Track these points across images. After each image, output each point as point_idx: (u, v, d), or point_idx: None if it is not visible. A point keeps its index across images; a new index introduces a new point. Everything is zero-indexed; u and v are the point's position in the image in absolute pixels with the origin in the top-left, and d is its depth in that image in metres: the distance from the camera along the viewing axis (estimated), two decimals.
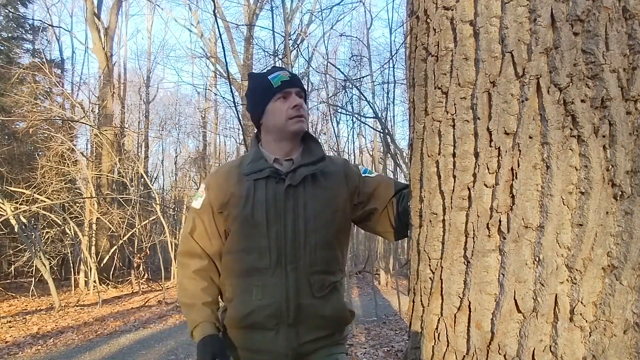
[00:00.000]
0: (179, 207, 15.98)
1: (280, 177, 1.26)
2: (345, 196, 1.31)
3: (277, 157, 1.32)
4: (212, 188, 1.32)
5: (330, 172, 1.32)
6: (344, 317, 1.31)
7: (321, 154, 1.32)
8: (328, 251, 1.27)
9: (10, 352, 4.94)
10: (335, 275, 1.29)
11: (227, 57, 9.70)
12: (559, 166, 0.77)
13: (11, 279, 10.79)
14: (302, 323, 1.22)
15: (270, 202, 1.24)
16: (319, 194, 1.27)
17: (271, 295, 1.21)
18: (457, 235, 0.86)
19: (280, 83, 1.28)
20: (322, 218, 1.26)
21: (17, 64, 11.88)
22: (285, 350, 1.22)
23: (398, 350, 4.60)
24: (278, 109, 1.29)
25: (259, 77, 1.36)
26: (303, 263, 1.22)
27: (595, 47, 0.76)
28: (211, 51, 15.39)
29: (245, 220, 1.24)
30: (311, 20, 12.87)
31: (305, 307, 1.22)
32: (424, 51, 0.94)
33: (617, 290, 0.75)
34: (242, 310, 1.24)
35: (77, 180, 10.96)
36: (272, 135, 1.32)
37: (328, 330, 1.27)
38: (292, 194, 1.25)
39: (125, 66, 18.41)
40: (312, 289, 1.23)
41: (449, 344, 0.86)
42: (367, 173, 1.37)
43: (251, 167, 1.29)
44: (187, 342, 5.26)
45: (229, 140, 19.69)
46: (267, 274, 1.22)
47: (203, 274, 1.31)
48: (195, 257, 1.32)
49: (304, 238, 1.23)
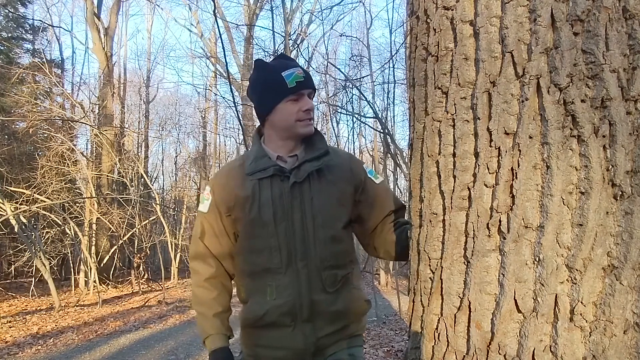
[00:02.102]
0: (179, 207, 15.98)
1: (284, 174, 1.24)
2: (350, 190, 1.30)
3: (281, 155, 1.29)
4: (217, 190, 1.31)
5: (335, 165, 1.29)
6: (359, 309, 1.32)
7: (325, 147, 1.29)
8: (337, 244, 1.27)
9: (10, 352, 4.94)
10: (346, 269, 1.29)
11: (227, 57, 9.69)
12: (559, 166, 0.77)
13: (11, 279, 10.79)
14: (317, 318, 1.23)
15: (276, 201, 1.23)
16: (325, 188, 1.26)
17: (285, 294, 1.22)
18: (457, 235, 0.86)
19: (295, 84, 1.22)
20: (329, 212, 1.25)
21: (17, 64, 11.88)
22: (303, 346, 1.23)
23: (398, 350, 4.60)
24: (289, 110, 1.24)
25: (271, 70, 1.27)
26: (314, 259, 1.22)
27: (595, 47, 0.76)
28: (211, 51, 15.40)
29: (252, 222, 1.24)
30: (311, 20, 12.89)
31: (319, 303, 1.23)
32: (424, 51, 0.94)
33: (617, 290, 0.75)
34: (257, 311, 1.24)
35: (77, 180, 10.96)
36: (277, 133, 1.29)
37: (343, 322, 1.28)
38: (297, 191, 1.23)
39: (125, 66, 18.41)
40: (324, 284, 1.23)
41: (449, 344, 0.86)
42: (372, 175, 1.35)
43: (254, 166, 1.26)
44: (187, 342, 5.26)
45: (229, 140, 19.71)
46: (280, 273, 1.22)
47: (214, 281, 1.32)
48: (206, 261, 1.32)
49: (312, 234, 1.23)
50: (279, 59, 1.33)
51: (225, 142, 20.15)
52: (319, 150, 1.28)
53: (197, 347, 4.97)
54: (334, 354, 1.28)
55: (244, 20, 14.31)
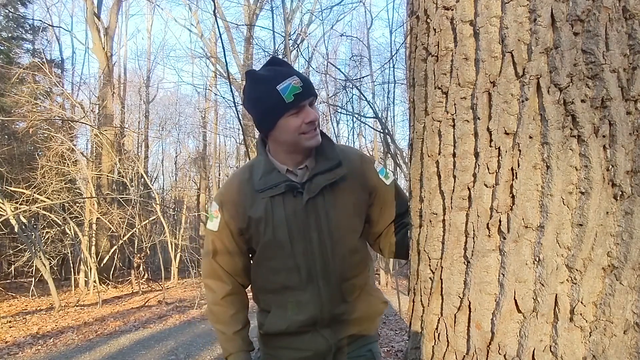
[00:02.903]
0: (179, 207, 15.98)
1: (297, 190, 1.19)
2: (365, 197, 1.27)
3: (290, 168, 1.23)
4: (227, 209, 1.25)
5: (348, 173, 1.23)
6: (376, 312, 1.34)
7: (337, 158, 1.22)
8: (355, 256, 1.26)
9: (10, 352, 4.94)
10: (364, 274, 1.30)
11: (227, 57, 9.69)
12: (559, 166, 0.77)
13: (11, 279, 10.79)
14: (335, 325, 1.26)
15: (291, 220, 1.18)
16: (340, 200, 1.21)
17: (307, 309, 1.23)
18: (457, 235, 0.86)
19: (292, 97, 1.13)
20: (346, 225, 1.23)
21: (17, 64, 11.88)
22: (325, 347, 1.25)
23: (398, 350, 4.61)
24: (291, 125, 1.16)
25: (265, 83, 1.16)
26: (333, 275, 1.22)
27: (595, 47, 0.76)
28: (211, 51, 15.40)
29: (268, 244, 1.21)
30: (311, 20, 12.89)
31: (339, 314, 1.25)
32: (424, 51, 0.94)
33: (617, 290, 0.74)
34: (279, 324, 1.26)
35: (77, 180, 10.96)
36: (282, 147, 1.23)
37: (362, 326, 1.30)
38: (312, 207, 1.19)
39: (125, 66, 18.44)
40: (343, 295, 1.25)
41: (449, 344, 0.86)
42: (383, 175, 1.31)
43: (264, 182, 1.20)
44: (187, 342, 5.26)
45: (229, 140, 19.72)
46: (300, 290, 1.22)
47: (231, 298, 1.30)
48: (221, 279, 1.30)
49: (331, 251, 1.21)
50: (271, 67, 1.22)
51: (225, 142, 20.18)
52: (330, 161, 1.21)
53: (197, 347, 4.98)
54: (353, 351, 1.30)
55: (244, 20, 14.31)
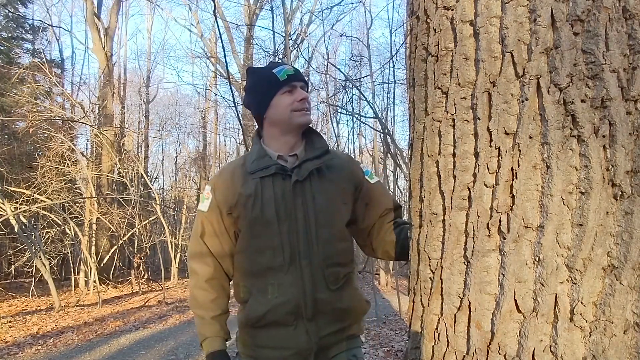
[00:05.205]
0: (179, 207, 15.98)
1: (286, 173, 1.26)
2: (351, 189, 1.32)
3: (281, 154, 1.31)
4: (219, 190, 1.32)
5: (335, 165, 1.32)
6: (360, 308, 1.33)
7: (325, 147, 1.31)
8: (340, 243, 1.28)
9: (10, 352, 4.94)
10: (348, 267, 1.31)
11: (227, 57, 9.69)
12: (559, 166, 0.77)
13: (11, 279, 10.79)
14: (320, 317, 1.24)
15: (279, 200, 1.24)
16: (326, 187, 1.28)
17: (288, 292, 1.22)
18: (457, 235, 0.86)
19: (286, 77, 1.28)
20: (331, 211, 1.27)
21: (17, 64, 11.88)
22: (307, 345, 1.23)
23: (398, 350, 4.61)
24: (284, 102, 1.28)
25: (262, 71, 1.35)
26: (317, 257, 1.23)
27: (595, 47, 0.76)
28: (211, 51, 15.40)
29: (255, 220, 1.25)
30: (311, 20, 12.90)
31: (322, 301, 1.23)
32: (424, 51, 0.94)
33: (617, 290, 0.75)
34: (259, 309, 1.24)
35: (77, 180, 10.96)
36: (276, 129, 1.32)
37: (346, 322, 1.29)
38: (299, 190, 1.25)
39: (125, 66, 18.42)
40: (327, 282, 1.24)
41: (449, 344, 0.86)
42: (368, 175, 1.38)
43: (256, 165, 1.28)
44: (187, 342, 5.26)
45: (229, 140, 19.73)
46: (282, 272, 1.23)
47: (213, 282, 1.32)
48: (204, 261, 1.32)
49: (315, 232, 1.24)
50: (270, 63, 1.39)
51: (225, 142, 20.19)
52: (319, 149, 1.30)
53: (197, 347, 4.97)
54: (336, 355, 1.28)
55: (244, 20, 14.31)
